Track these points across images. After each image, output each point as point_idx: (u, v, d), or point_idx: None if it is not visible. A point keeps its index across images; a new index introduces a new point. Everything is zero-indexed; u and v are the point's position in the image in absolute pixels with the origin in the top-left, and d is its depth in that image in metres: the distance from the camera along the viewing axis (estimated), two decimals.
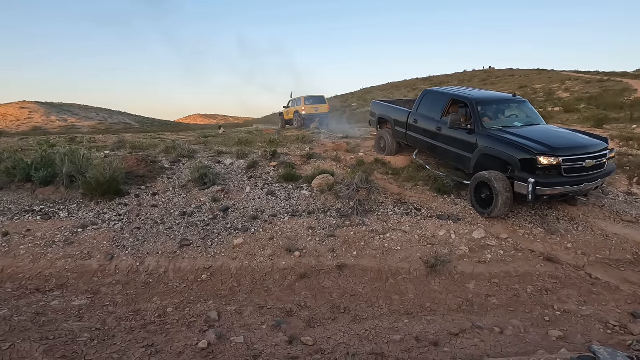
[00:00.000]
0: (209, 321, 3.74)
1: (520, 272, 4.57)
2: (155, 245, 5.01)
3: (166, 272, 4.62)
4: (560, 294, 4.22)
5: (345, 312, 4.04)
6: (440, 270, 4.56)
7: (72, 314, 3.81)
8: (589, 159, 4.95)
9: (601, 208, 5.82)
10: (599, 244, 5.03)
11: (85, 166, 6.38)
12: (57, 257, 4.75)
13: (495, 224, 5.39)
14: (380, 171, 7.20)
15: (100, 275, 4.55)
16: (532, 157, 4.85)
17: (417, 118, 6.95)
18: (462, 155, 5.88)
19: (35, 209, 5.74)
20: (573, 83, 26.56)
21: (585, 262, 4.72)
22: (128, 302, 4.10)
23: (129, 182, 6.56)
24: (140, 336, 3.43)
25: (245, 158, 7.88)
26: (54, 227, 5.32)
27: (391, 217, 5.61)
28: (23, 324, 3.53)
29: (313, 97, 16.66)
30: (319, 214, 5.72)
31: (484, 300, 4.18)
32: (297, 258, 4.82)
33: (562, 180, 4.88)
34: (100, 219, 5.56)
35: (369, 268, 4.69)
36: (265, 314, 3.93)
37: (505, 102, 6.26)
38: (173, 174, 7.00)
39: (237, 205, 6.05)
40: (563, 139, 5.21)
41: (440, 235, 5.18)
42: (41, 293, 4.20)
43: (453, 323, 3.73)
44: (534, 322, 3.76)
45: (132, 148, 9.16)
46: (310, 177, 6.70)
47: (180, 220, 5.59)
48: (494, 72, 42.03)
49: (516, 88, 27.87)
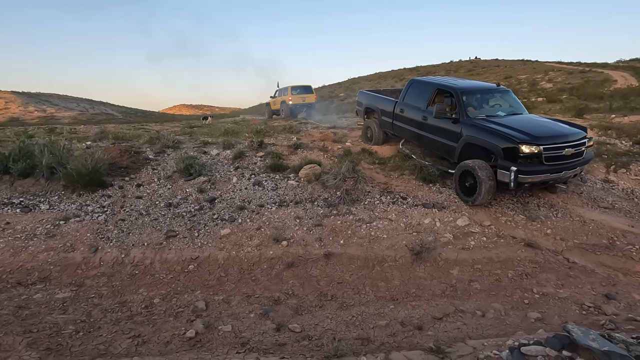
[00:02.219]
0: (196, 311, 3.74)
1: (502, 258, 4.71)
2: (141, 237, 4.95)
3: (152, 264, 4.58)
4: (539, 277, 4.37)
5: (332, 299, 4.10)
6: (425, 257, 4.66)
7: (56, 307, 3.76)
8: (569, 148, 5.09)
9: (579, 195, 6.01)
10: (577, 229, 5.21)
11: (65, 157, 6.21)
12: (39, 250, 4.65)
13: (479, 212, 5.52)
14: (367, 161, 7.25)
15: (84, 268, 4.48)
16: (514, 146, 4.96)
17: (403, 108, 6.99)
18: (447, 145, 5.97)
19: (14, 202, 5.59)
20: (556, 74, 27.08)
21: (563, 247, 4.89)
22: (114, 294, 4.07)
23: (112, 173, 6.43)
24: (127, 327, 3.41)
25: (231, 148, 7.81)
26: (35, 219, 5.19)
27: (378, 206, 5.68)
28: (5, 317, 3.47)
29: (300, 86, 16.53)
30: (306, 204, 5.74)
31: (467, 285, 4.30)
32: (284, 247, 4.84)
33: (543, 168, 5.01)
34: (82, 211, 5.45)
35: (355, 256, 4.76)
36: (253, 303, 3.96)
37: (489, 92, 6.35)
38: (158, 165, 6.89)
39: (224, 195, 6.01)
40: (544, 128, 5.33)
41: (426, 223, 5.28)
42: (23, 286, 4.12)
43: (437, 308, 3.83)
44: (514, 305, 3.89)
45: (115, 139, 8.95)
46: (297, 167, 6.70)
47: (166, 212, 5.53)
48: (479, 63, 42.45)
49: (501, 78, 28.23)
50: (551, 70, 28.74)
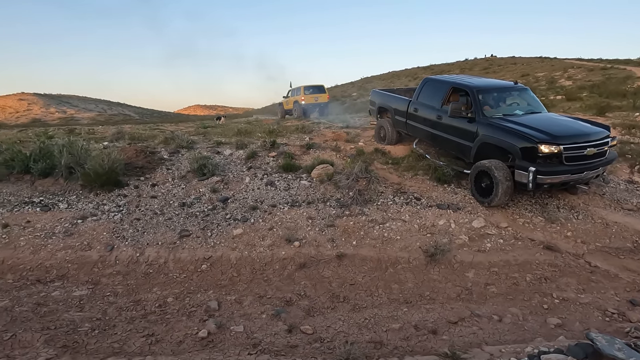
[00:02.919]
0: (209, 311, 3.76)
1: (520, 261, 4.57)
2: (155, 236, 5.02)
3: (166, 263, 4.64)
4: (559, 282, 4.23)
5: (344, 301, 4.06)
6: (439, 259, 4.57)
7: (72, 304, 3.83)
8: (590, 147, 4.91)
9: (602, 196, 5.79)
10: (599, 232, 5.02)
11: (83, 157, 6.35)
12: (57, 248, 4.76)
13: (495, 213, 5.38)
14: (380, 161, 7.17)
15: (101, 266, 4.57)
16: (532, 146, 4.81)
17: (417, 107, 6.87)
18: (462, 144, 5.84)
19: (34, 201, 5.74)
20: (576, 71, 26.28)
21: (584, 250, 4.72)
22: (128, 293, 4.13)
23: (128, 173, 6.53)
24: (141, 326, 3.45)
25: (244, 148, 7.84)
26: (54, 218, 5.32)
27: (391, 207, 5.60)
28: (24, 314, 3.56)
29: (313, 86, 16.50)
30: (318, 204, 5.71)
31: (483, 288, 4.20)
32: (296, 248, 4.82)
33: (563, 168, 4.85)
34: (99, 210, 5.56)
35: (368, 257, 4.70)
36: (264, 304, 3.95)
37: (507, 90, 6.18)
38: (172, 165, 6.97)
39: (237, 195, 6.03)
40: (564, 127, 5.15)
41: (440, 225, 5.17)
42: (42, 284, 4.23)
43: (452, 311, 3.75)
44: (532, 310, 3.77)
45: (131, 139, 9.11)
46: (309, 167, 6.67)
47: (180, 211, 5.59)
48: (495, 61, 41.57)
49: (518, 76, 27.56)
50: (570, 67, 27.88)
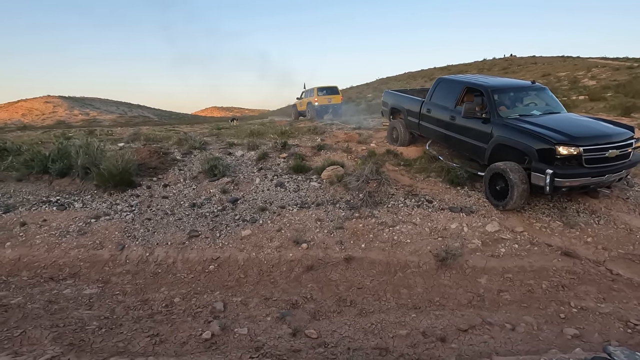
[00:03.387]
0: (214, 312, 3.75)
1: (536, 267, 4.39)
2: (165, 236, 5.06)
3: (174, 263, 4.67)
4: (577, 290, 4.03)
5: (351, 305, 3.98)
6: (450, 264, 4.43)
7: (82, 303, 3.89)
8: (613, 149, 4.67)
9: (625, 201, 5.51)
10: (622, 238, 4.77)
11: (99, 158, 6.50)
12: (71, 246, 4.86)
13: (510, 217, 5.19)
14: (392, 162, 7.05)
15: (111, 265, 4.64)
16: (550, 147, 4.61)
17: (430, 107, 6.73)
18: (476, 146, 5.67)
19: (51, 200, 5.90)
20: (600, 70, 25.36)
21: (606, 257, 4.49)
22: (137, 292, 4.17)
23: (141, 173, 6.64)
24: (147, 325, 3.47)
25: (255, 149, 7.87)
26: (69, 217, 5.45)
27: (401, 209, 5.48)
28: (36, 311, 3.63)
29: (326, 87, 16.48)
30: (327, 206, 5.65)
31: (495, 295, 4.04)
32: (304, 250, 4.77)
33: (583, 171, 4.63)
34: (112, 209, 5.66)
35: (377, 261, 4.61)
36: (270, 306, 3.91)
37: (523, 90, 5.97)
38: (184, 166, 7.05)
39: (246, 196, 6.04)
40: (584, 128, 4.93)
41: (452, 228, 5.03)
42: (54, 281, 4.32)
43: (462, 318, 3.62)
44: (548, 319, 3.60)
45: (146, 140, 9.29)
46: (320, 168, 6.62)
47: (190, 212, 5.63)
48: (515, 60, 40.61)
49: (539, 76, 26.80)
50: (594, 67, 26.92)
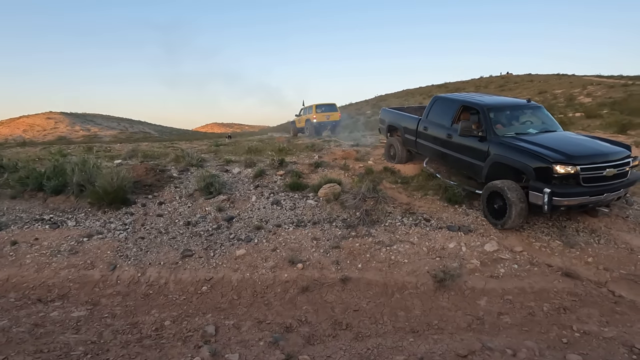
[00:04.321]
0: (205, 336, 3.62)
1: (536, 288, 4.28)
2: (158, 256, 4.97)
3: (167, 283, 4.56)
4: (579, 313, 3.92)
5: (347, 328, 3.86)
6: (449, 285, 4.33)
7: (70, 326, 3.77)
8: (610, 168, 4.65)
9: (625, 219, 5.45)
10: (623, 258, 4.68)
11: (94, 175, 6.46)
12: (61, 266, 4.76)
13: (509, 236, 5.12)
14: (389, 180, 7.02)
15: (102, 286, 4.52)
16: (547, 166, 4.59)
17: (427, 125, 6.75)
18: (473, 164, 5.65)
19: (44, 218, 5.82)
20: (595, 88, 25.72)
21: (607, 278, 4.39)
22: (126, 314, 4.05)
23: (136, 191, 6.60)
24: (134, 351, 3.34)
25: (253, 167, 7.84)
26: (61, 236, 5.36)
27: (399, 228, 5.41)
28: (20, 335, 3.50)
29: (325, 105, 16.64)
30: (324, 224, 5.57)
31: (495, 318, 3.92)
32: (299, 270, 4.68)
33: (581, 190, 4.59)
34: (106, 228, 5.58)
35: (374, 282, 4.50)
36: (263, 329, 3.79)
37: (519, 108, 6.00)
38: (180, 183, 7.01)
39: (242, 214, 5.97)
40: (581, 147, 4.92)
41: (450, 248, 4.95)
42: (42, 303, 4.20)
43: (461, 343, 3.50)
44: (550, 344, 3.48)
45: (144, 157, 9.28)
46: (316, 186, 6.58)
47: (184, 230, 5.55)
48: (511, 78, 41.20)
49: (535, 93, 27.16)
50: (590, 84, 27.30)
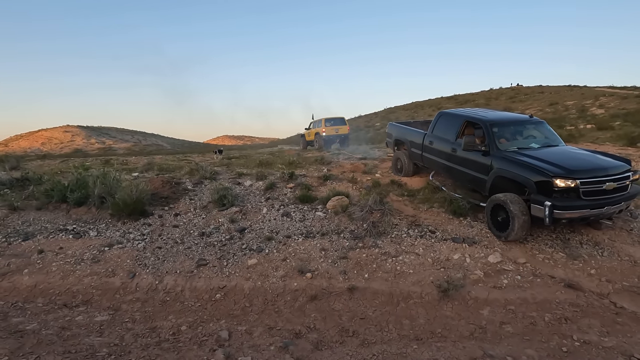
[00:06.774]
0: (219, 340, 3.85)
1: (538, 299, 4.40)
2: (174, 265, 5.24)
3: (183, 291, 4.81)
4: (580, 323, 4.02)
5: (353, 335, 4.03)
6: (453, 295, 4.47)
7: (94, 329, 4.04)
8: (610, 181, 4.78)
9: (629, 232, 5.52)
10: (626, 270, 4.76)
11: (115, 188, 6.83)
12: (85, 274, 5.07)
13: (513, 248, 5.24)
14: (396, 192, 7.21)
15: (122, 293, 4.80)
16: (547, 180, 4.75)
17: (432, 140, 6.96)
18: (477, 177, 5.82)
19: (68, 228, 6.18)
20: (608, 99, 25.54)
21: (610, 290, 4.47)
22: (145, 319, 4.30)
23: (153, 203, 6.93)
24: (154, 353, 3.58)
25: (264, 180, 8.13)
26: (84, 245, 5.69)
27: (405, 240, 5.59)
28: (49, 337, 3.78)
29: (334, 118, 16.98)
30: (332, 236, 5.78)
31: (498, 327, 4.05)
32: (308, 279, 4.88)
33: (581, 203, 4.72)
34: (125, 238, 5.89)
35: (380, 291, 4.68)
36: (274, 335, 3.99)
37: (522, 124, 6.18)
38: (195, 195, 7.33)
39: (254, 226, 6.23)
40: (580, 161, 5.06)
41: (455, 259, 5.10)
42: (68, 308, 4.49)
43: (464, 351, 3.63)
44: (550, 353, 3.59)
45: (159, 170, 9.68)
46: (325, 198, 6.81)
47: (199, 240, 5.83)
48: (522, 90, 41.13)
49: (546, 105, 27.10)
50: (602, 96, 27.14)
